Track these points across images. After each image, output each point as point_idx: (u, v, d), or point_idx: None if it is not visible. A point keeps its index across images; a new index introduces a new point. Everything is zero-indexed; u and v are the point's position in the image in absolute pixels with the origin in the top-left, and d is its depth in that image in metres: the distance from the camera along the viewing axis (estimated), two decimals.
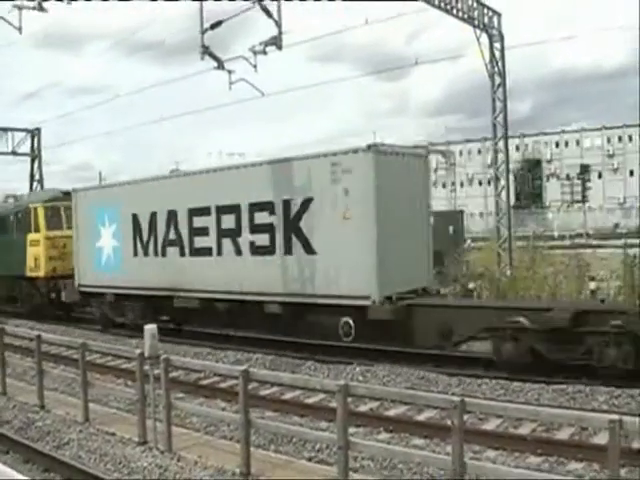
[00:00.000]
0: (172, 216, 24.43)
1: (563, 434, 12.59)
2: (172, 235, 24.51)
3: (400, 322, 18.96)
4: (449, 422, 9.15)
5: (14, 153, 51.22)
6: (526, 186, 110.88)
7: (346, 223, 19.33)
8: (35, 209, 31.82)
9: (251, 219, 21.68)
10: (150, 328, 12.91)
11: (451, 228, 36.35)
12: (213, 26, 22.27)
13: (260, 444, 12.55)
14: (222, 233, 22.70)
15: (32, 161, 51.91)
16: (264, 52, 22.47)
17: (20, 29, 22.48)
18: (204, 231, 23.28)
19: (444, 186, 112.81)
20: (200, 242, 23.53)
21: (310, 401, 15.59)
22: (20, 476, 8.58)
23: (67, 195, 31.00)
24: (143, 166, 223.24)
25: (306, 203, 20.26)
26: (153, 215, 25.22)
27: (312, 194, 20.12)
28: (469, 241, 42.21)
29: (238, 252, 22.19)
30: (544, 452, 11.75)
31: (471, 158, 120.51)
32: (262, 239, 21.40)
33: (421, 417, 14.17)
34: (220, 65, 23.32)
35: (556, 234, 62.90)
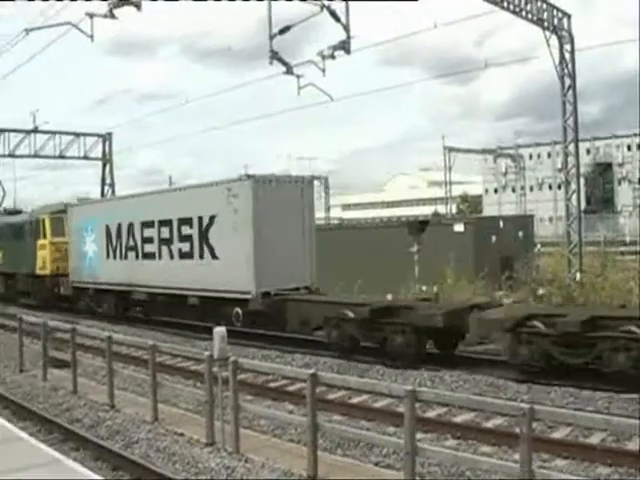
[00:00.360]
0: (130, 227, 30.66)
1: (634, 445, 12.38)
2: (131, 242, 30.72)
3: (273, 312, 23.90)
4: (517, 430, 9.08)
5: (86, 157, 52.11)
6: (597, 190, 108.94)
7: (236, 235, 24.80)
8: (43, 219, 38.69)
9: (179, 230, 27.50)
10: (219, 331, 13.04)
11: (521, 233, 35.95)
12: (282, 31, 22.37)
13: (327, 447, 12.60)
14: (161, 241, 28.68)
15: (103, 165, 52.75)
16: (332, 56, 22.52)
17: (92, 37, 22.86)
18: (150, 239, 29.39)
19: (513, 190, 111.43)
20: (148, 248, 29.64)
21: (377, 405, 15.56)
22: (95, 476, 8.79)
23: None
24: (211, 170, 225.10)
25: (212, 219, 25.87)
26: (119, 226, 31.38)
27: (215, 212, 25.70)
28: (539, 246, 41.71)
29: (171, 256, 28.08)
30: (614, 462, 11.53)
31: (541, 162, 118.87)
32: (185, 246, 27.20)
33: (489, 424, 14.07)
34: (289, 70, 23.47)
35: (628, 239, 61.77)
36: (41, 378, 19.52)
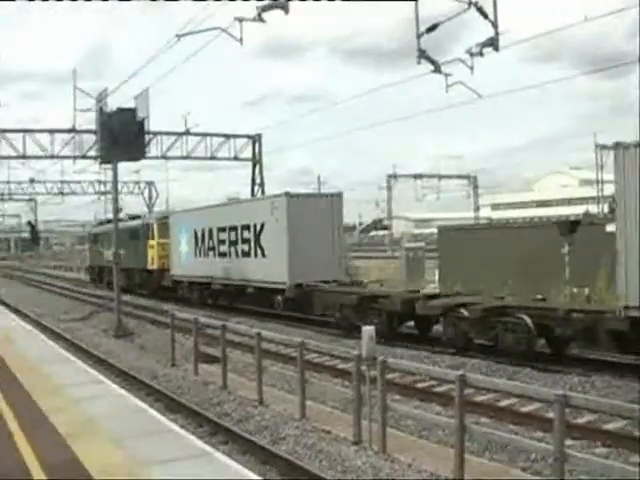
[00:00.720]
0: (210, 231, 38.13)
1: None
2: (210, 244, 38.08)
3: (304, 300, 29.88)
4: None
5: (236, 158, 53.20)
6: None
7: (276, 239, 31.14)
8: (152, 224, 46.92)
9: (241, 234, 34.39)
10: (368, 330, 13.07)
11: None
12: (429, 29, 22.17)
13: (474, 450, 12.42)
14: (230, 243, 35.71)
15: (253, 166, 53.69)
16: (481, 54, 22.16)
17: (241, 40, 23.24)
18: (223, 242, 36.54)
19: None
20: (221, 248, 36.83)
21: (526, 410, 15.25)
22: (255, 476, 8.92)
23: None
24: (360, 170, 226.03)
25: (262, 226, 32.41)
26: (202, 230, 39.01)
27: (264, 220, 32.19)
28: None
29: (237, 255, 35.00)
30: None
31: None
32: (245, 247, 34.04)
33: None
34: (437, 68, 23.22)
35: None
36: (192, 373, 20.03)
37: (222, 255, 36.71)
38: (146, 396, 17.60)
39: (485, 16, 21.63)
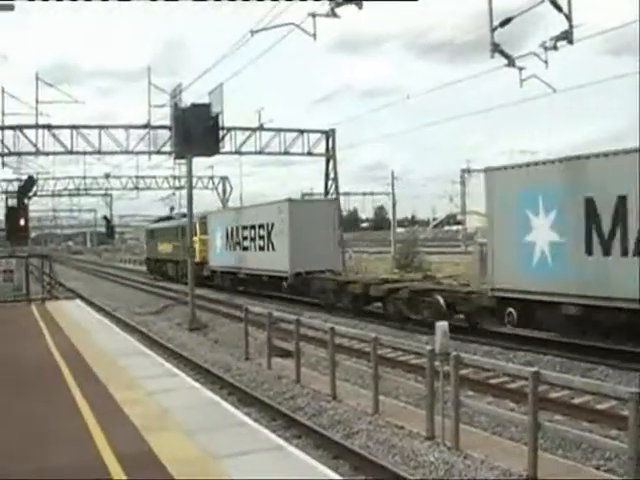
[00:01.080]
0: (237, 229, 45.00)
1: None
2: (237, 239, 44.88)
3: (303, 285, 36.30)
4: None
5: (310, 154, 53.16)
6: None
7: (282, 236, 37.66)
8: (195, 223, 47.92)
9: (258, 232, 40.94)
10: (441, 325, 13.02)
11: None
12: (502, 23, 21.92)
13: (547, 448, 12.30)
14: (251, 239, 42.22)
15: (327, 161, 53.62)
16: (555, 47, 21.83)
17: (314, 36, 23.25)
18: (246, 238, 43.11)
19: None
20: (245, 243, 43.47)
21: (600, 407, 15.03)
22: (328, 470, 8.95)
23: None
24: (432, 165, 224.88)
25: (272, 225, 38.95)
26: (231, 228, 46.06)
27: (274, 221, 38.70)
28: None
29: (255, 249, 41.59)
30: None
31: None
32: (261, 242, 40.64)
33: None
34: (511, 62, 22.96)
35: None
36: (265, 366, 20.16)
37: (245, 249, 43.45)
38: (220, 389, 17.79)
39: (559, 9, 21.33)
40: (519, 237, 22.12)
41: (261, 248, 40.66)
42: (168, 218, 70.18)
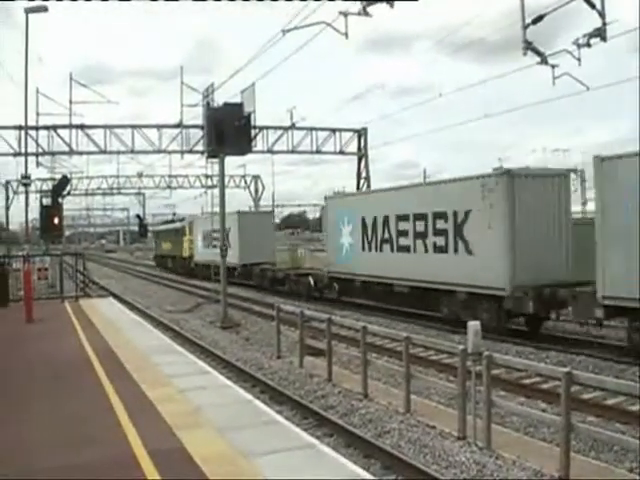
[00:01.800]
0: (211, 232, 50.66)
1: None
2: (211, 239, 51.14)
3: (247, 273, 48.30)
4: None
5: (342, 152, 53.29)
6: None
7: (234, 238, 44.91)
8: (184, 226, 68.91)
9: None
10: (473, 324, 12.99)
11: None
12: (535, 21, 21.82)
13: (579, 449, 12.24)
14: (218, 239, 36.89)
15: (359, 160, 53.71)
16: (588, 45, 21.69)
17: (346, 35, 23.25)
18: (217, 238, 42.38)
19: None
20: (214, 243, 46.88)
21: (634, 409, 14.89)
22: (366, 474, 8.96)
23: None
24: (464, 163, 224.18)
25: (230, 229, 41.34)
26: (206, 231, 53.17)
27: (230, 226, 41.15)
28: None
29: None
30: None
31: None
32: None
33: None
34: (543, 60, 22.83)
35: None
36: (297, 365, 20.19)
37: (214, 247, 44.71)
38: (252, 387, 17.85)
39: (592, 6, 21.19)
40: (339, 239, 35.98)
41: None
42: (171, 221, 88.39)
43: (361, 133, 53.27)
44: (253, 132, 35.39)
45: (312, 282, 39.09)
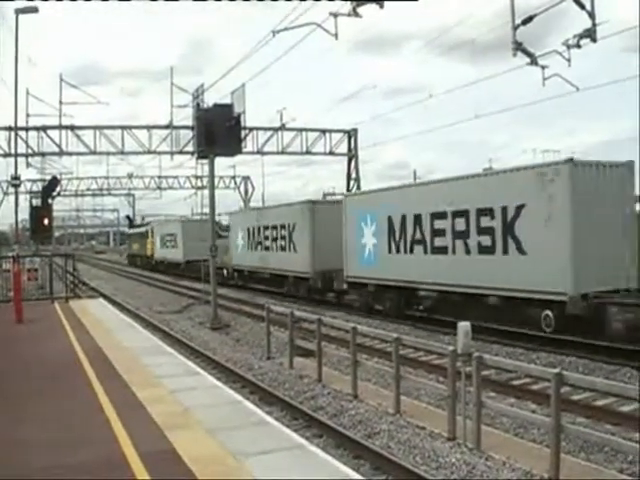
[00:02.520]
0: (165, 235, 68.97)
1: None
2: (165, 241, 69.32)
3: (191, 269, 59.37)
4: None
5: (332, 153, 53.32)
6: None
7: (179, 239, 63.28)
8: (148, 229, 79.73)
9: (171, 237, 60.32)
10: (463, 325, 12.99)
11: None
12: (525, 22, 21.85)
13: (569, 450, 12.25)
14: (169, 241, 65.43)
15: (349, 160, 53.74)
16: (578, 46, 21.73)
17: (336, 35, 23.24)
18: (168, 240, 69.12)
19: None
20: (168, 244, 70.00)
21: (624, 410, 14.93)
22: (355, 475, 8.95)
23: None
24: (455, 164, 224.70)
25: (175, 234, 60.32)
26: (163, 234, 67.36)
27: (176, 232, 61.48)
28: None
29: (173, 247, 62.84)
30: None
31: None
32: (173, 243, 60.16)
33: None
34: (533, 61, 22.88)
35: None
36: (287, 366, 20.18)
37: (167, 247, 67.46)
38: (241, 388, 17.83)
39: (582, 7, 21.23)
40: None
41: (173, 247, 66.81)
42: (140, 225, 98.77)
43: (351, 134, 53.33)
44: (243, 133, 35.38)
45: (225, 272, 50.83)
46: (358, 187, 52.05)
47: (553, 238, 21.53)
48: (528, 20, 21.81)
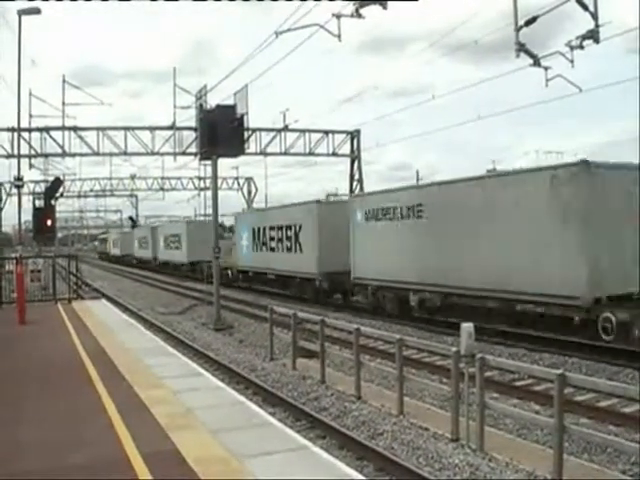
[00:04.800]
0: (148, 237, 79.99)
1: None
2: (151, 244, 78.22)
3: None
4: None
5: (335, 154, 53.21)
6: None
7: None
8: (131, 232, 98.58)
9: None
10: (467, 327, 12.97)
11: None
12: (528, 22, 21.78)
13: (573, 451, 12.23)
14: (159, 241, 75.72)
15: (352, 162, 53.65)
16: (581, 47, 21.66)
17: (339, 36, 23.18)
18: (158, 242, 76.63)
19: None
20: (161, 246, 75.68)
21: (627, 411, 14.91)
22: (359, 476, 8.94)
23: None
24: (458, 165, 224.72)
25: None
26: (144, 236, 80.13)
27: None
28: None
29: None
30: None
31: None
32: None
33: None
34: (536, 62, 22.81)
35: None
36: (290, 367, 20.17)
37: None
38: (244, 389, 17.82)
39: (585, 8, 21.17)
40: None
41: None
42: (105, 232, 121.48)
43: (354, 135, 53.22)
44: (246, 134, 35.38)
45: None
46: (361, 188, 51.92)
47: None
48: (531, 21, 21.74)
